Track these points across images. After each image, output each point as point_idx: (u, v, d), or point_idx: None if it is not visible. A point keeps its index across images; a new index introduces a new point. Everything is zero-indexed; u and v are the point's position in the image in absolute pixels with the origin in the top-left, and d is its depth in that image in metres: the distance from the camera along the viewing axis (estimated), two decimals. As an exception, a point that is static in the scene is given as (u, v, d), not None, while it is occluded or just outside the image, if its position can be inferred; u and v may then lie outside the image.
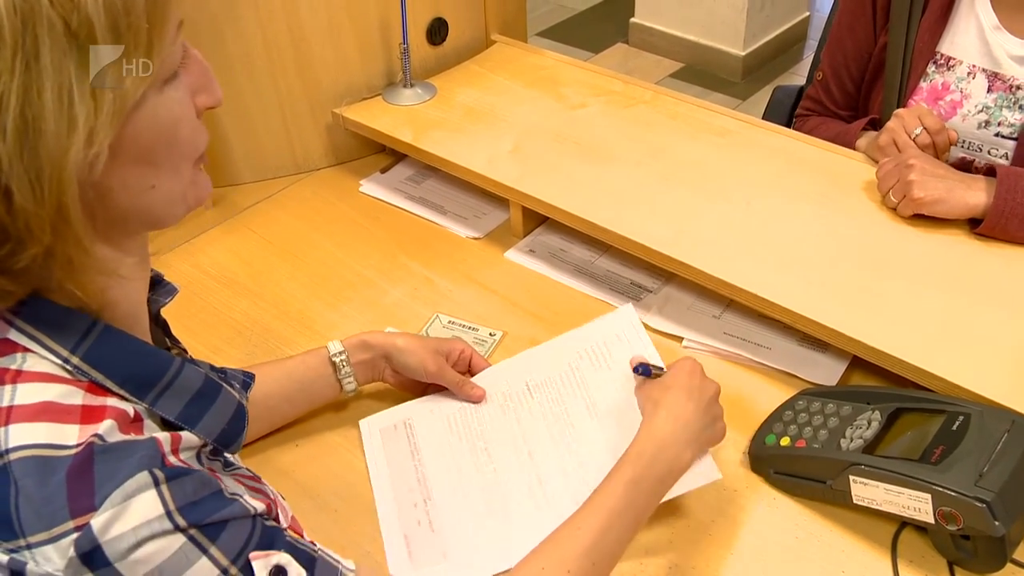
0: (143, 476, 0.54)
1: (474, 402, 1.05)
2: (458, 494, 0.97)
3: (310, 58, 1.45)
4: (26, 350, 0.58)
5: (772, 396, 1.08)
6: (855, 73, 1.49)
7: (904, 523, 0.93)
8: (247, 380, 0.75)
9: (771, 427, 1.02)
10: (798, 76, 3.50)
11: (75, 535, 0.52)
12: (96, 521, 0.52)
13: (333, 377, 1.03)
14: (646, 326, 1.20)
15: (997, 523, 0.81)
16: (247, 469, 0.72)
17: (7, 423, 0.55)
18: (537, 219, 1.39)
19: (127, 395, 0.59)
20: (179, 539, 0.54)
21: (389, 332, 1.09)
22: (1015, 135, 1.34)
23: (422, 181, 1.52)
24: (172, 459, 0.58)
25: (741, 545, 0.93)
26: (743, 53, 3.52)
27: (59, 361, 0.58)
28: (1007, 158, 1.36)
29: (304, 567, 0.61)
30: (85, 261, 0.56)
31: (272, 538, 0.61)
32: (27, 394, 0.56)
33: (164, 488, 0.55)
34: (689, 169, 1.34)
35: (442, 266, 1.33)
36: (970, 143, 1.38)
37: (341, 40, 1.46)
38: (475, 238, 1.39)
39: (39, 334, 0.58)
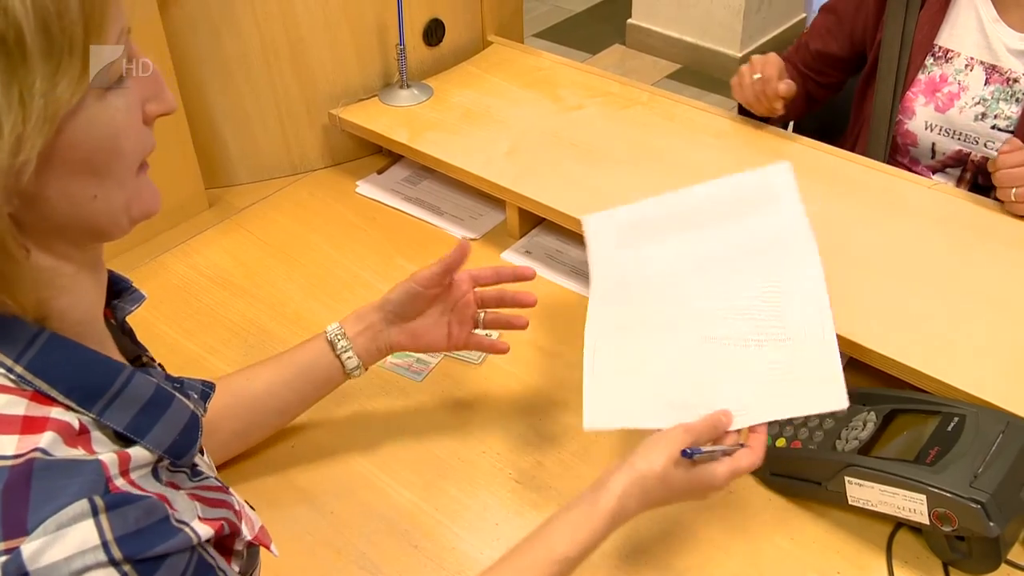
0: (81, 504, 0.51)
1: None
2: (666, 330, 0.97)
3: (307, 59, 1.45)
4: None
5: (768, 397, 1.08)
6: (840, 39, 1.50)
7: (899, 524, 0.93)
8: (206, 390, 0.72)
9: (767, 428, 1.02)
10: (795, 77, 3.51)
11: (3, 558, 0.49)
12: (27, 548, 0.49)
13: (332, 355, 1.00)
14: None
15: (992, 524, 0.81)
16: (216, 479, 0.69)
17: None
18: (533, 220, 1.39)
19: (73, 405, 0.57)
20: (110, 571, 0.51)
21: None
22: (1012, 128, 1.35)
23: (418, 182, 1.52)
24: (119, 482, 0.55)
25: (736, 546, 0.93)
26: (740, 54, 3.53)
27: (2, 370, 0.55)
28: None
29: None
30: (17, 273, 0.54)
31: (205, 573, 0.59)
32: None
33: (103, 518, 0.52)
34: (686, 170, 1.34)
35: (438, 267, 1.33)
36: (966, 135, 1.39)
37: (338, 41, 1.46)
38: (472, 239, 1.39)
39: None
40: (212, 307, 1.27)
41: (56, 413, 0.55)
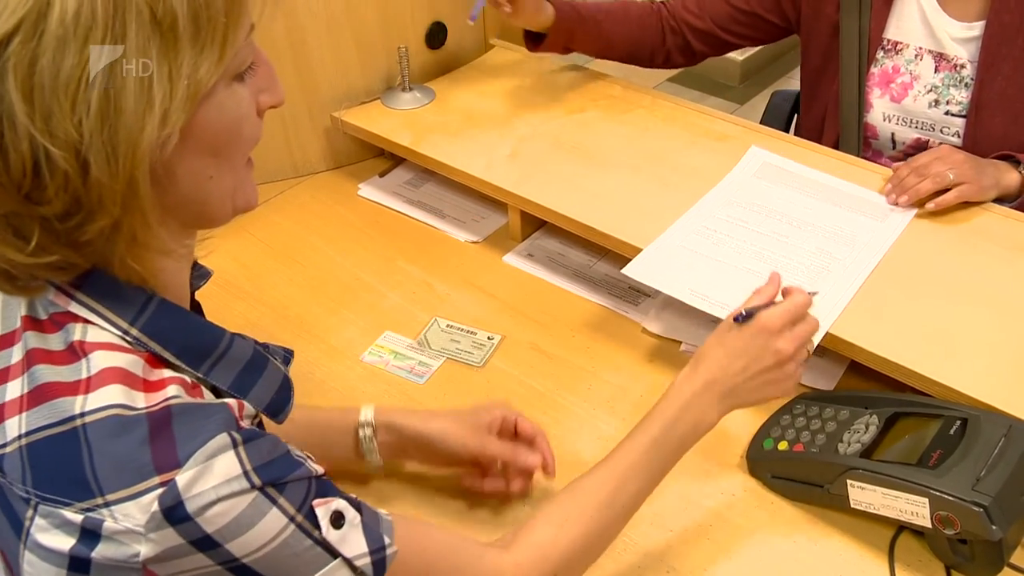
0: (223, 437, 0.57)
1: (530, 468, 0.96)
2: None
3: (309, 62, 1.45)
4: (87, 322, 0.60)
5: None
6: (766, 3, 1.51)
7: (901, 527, 0.93)
8: (287, 356, 0.77)
9: (769, 431, 1.02)
10: (796, 81, 3.50)
11: (159, 491, 0.55)
12: (181, 478, 0.55)
13: (351, 447, 0.96)
14: (644, 330, 1.21)
15: (994, 527, 0.81)
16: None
17: (87, 392, 0.57)
18: (535, 223, 1.39)
19: (183, 365, 0.62)
20: (253, 494, 0.58)
21: (418, 413, 0.98)
22: (964, 112, 1.38)
23: (420, 185, 1.52)
24: (243, 423, 0.61)
25: (739, 549, 0.93)
26: (741, 58, 3.53)
27: (119, 332, 0.60)
28: (958, 136, 1.40)
29: (357, 511, 0.66)
30: (148, 238, 0.59)
31: (327, 490, 0.65)
32: (101, 361, 0.59)
33: (241, 449, 0.58)
34: (687, 174, 1.34)
35: (440, 270, 1.33)
36: (923, 123, 1.43)
37: (340, 44, 1.46)
38: (473, 242, 1.39)
39: (100, 307, 0.61)
40: (214, 310, 1.25)
41: (168, 373, 0.61)
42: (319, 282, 1.32)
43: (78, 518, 0.55)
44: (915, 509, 0.86)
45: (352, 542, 0.64)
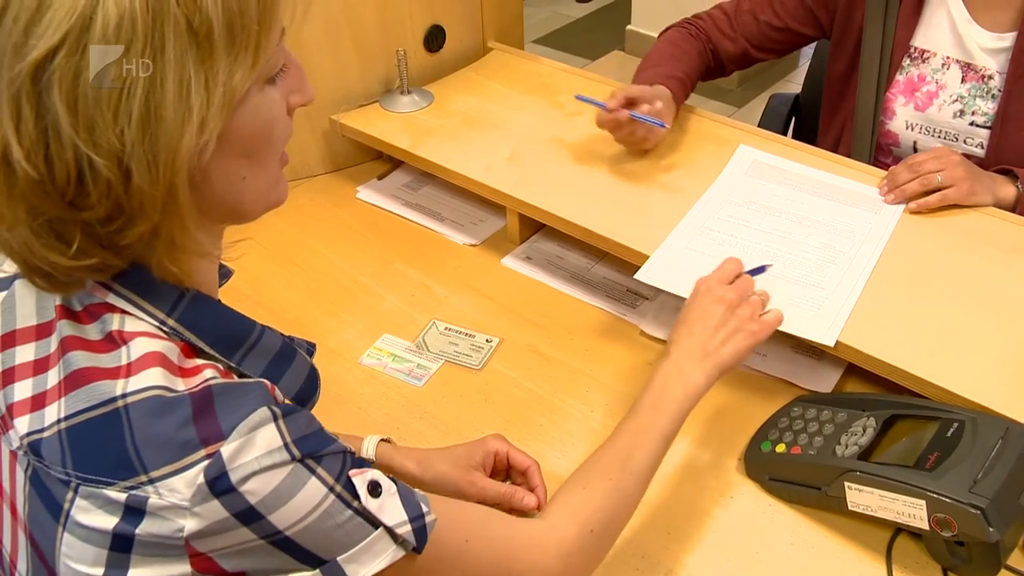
0: (264, 411, 0.59)
1: (527, 511, 0.96)
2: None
3: (307, 65, 1.42)
4: (124, 312, 0.62)
5: (767, 403, 1.09)
6: (779, 12, 1.51)
7: (899, 529, 0.93)
8: (311, 348, 0.79)
9: (766, 434, 1.02)
10: (794, 84, 3.51)
11: (205, 463, 0.56)
12: (226, 449, 0.57)
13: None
14: (642, 332, 1.21)
15: (991, 529, 0.81)
16: None
17: (128, 376, 0.59)
18: (534, 226, 1.39)
19: (216, 355, 0.64)
20: (292, 465, 0.59)
21: (415, 455, 0.97)
22: (989, 124, 1.37)
23: (419, 188, 1.52)
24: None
25: (736, 551, 0.94)
26: (739, 61, 3.53)
27: (155, 323, 0.63)
28: (982, 147, 1.38)
29: (392, 483, 0.67)
30: (185, 241, 0.61)
31: (360, 463, 0.66)
32: (141, 347, 0.61)
33: (281, 422, 0.60)
34: (685, 177, 1.35)
35: (439, 273, 1.34)
36: (946, 132, 1.41)
37: (338, 47, 1.46)
38: (472, 245, 1.40)
39: (137, 298, 0.63)
40: (213, 312, 1.27)
41: (202, 361, 0.63)
42: (317, 285, 1.32)
43: (121, 496, 0.57)
44: (912, 511, 0.86)
45: (391, 510, 0.65)
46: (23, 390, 0.63)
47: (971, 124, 1.39)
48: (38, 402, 0.62)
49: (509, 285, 1.31)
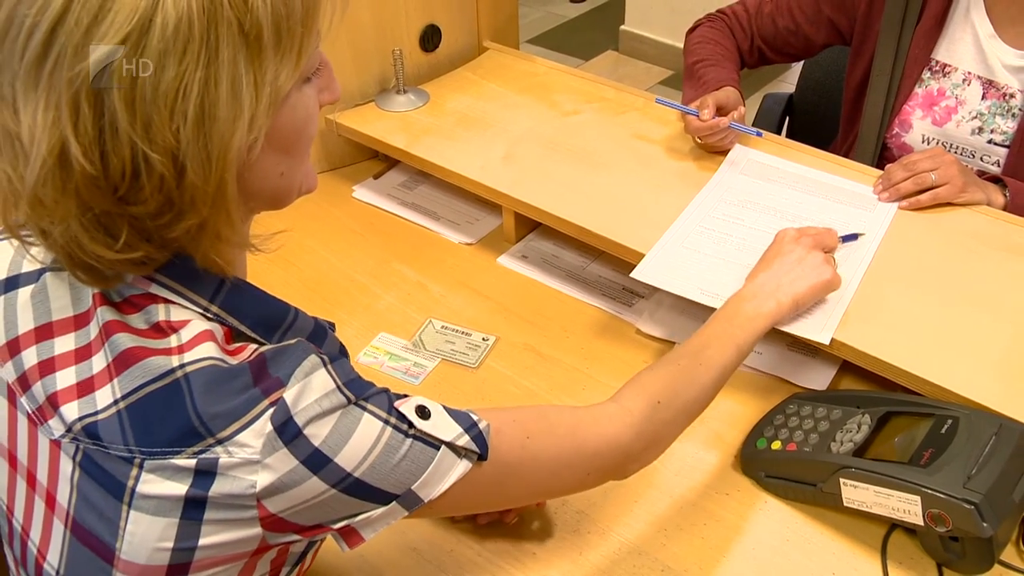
0: (313, 358, 0.63)
1: (506, 521, 0.96)
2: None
3: (303, 64, 1.45)
4: (168, 301, 0.64)
5: (763, 400, 1.09)
6: (797, 18, 1.52)
7: (894, 525, 0.94)
8: (332, 326, 0.80)
9: (762, 431, 1.02)
10: (787, 84, 3.52)
11: (271, 411, 0.59)
12: (288, 394, 0.60)
13: None
14: (638, 331, 1.21)
15: (985, 524, 0.82)
16: None
17: (181, 352, 0.62)
18: (529, 225, 1.40)
19: (258, 337, 0.67)
20: (348, 406, 0.63)
21: None
22: (1007, 143, 1.36)
23: (415, 187, 1.53)
24: None
25: (733, 547, 0.94)
26: (732, 61, 3.54)
27: (199, 310, 0.65)
28: (999, 165, 1.38)
29: (436, 404, 0.70)
30: (230, 234, 0.63)
31: (400, 396, 0.69)
32: (191, 329, 0.63)
33: (331, 368, 0.63)
34: (680, 176, 1.35)
35: (435, 271, 1.34)
36: (963, 149, 1.40)
37: (334, 46, 1.46)
38: (468, 244, 1.40)
39: (180, 287, 0.65)
40: (209, 311, 1.27)
41: (243, 344, 0.65)
42: (314, 284, 1.32)
43: (191, 463, 0.59)
44: (907, 507, 0.87)
45: (444, 427, 0.68)
46: (66, 378, 0.64)
47: (989, 142, 1.38)
48: (85, 387, 0.63)
49: (505, 284, 1.32)
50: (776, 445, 0.99)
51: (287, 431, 0.59)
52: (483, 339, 1.21)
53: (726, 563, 0.93)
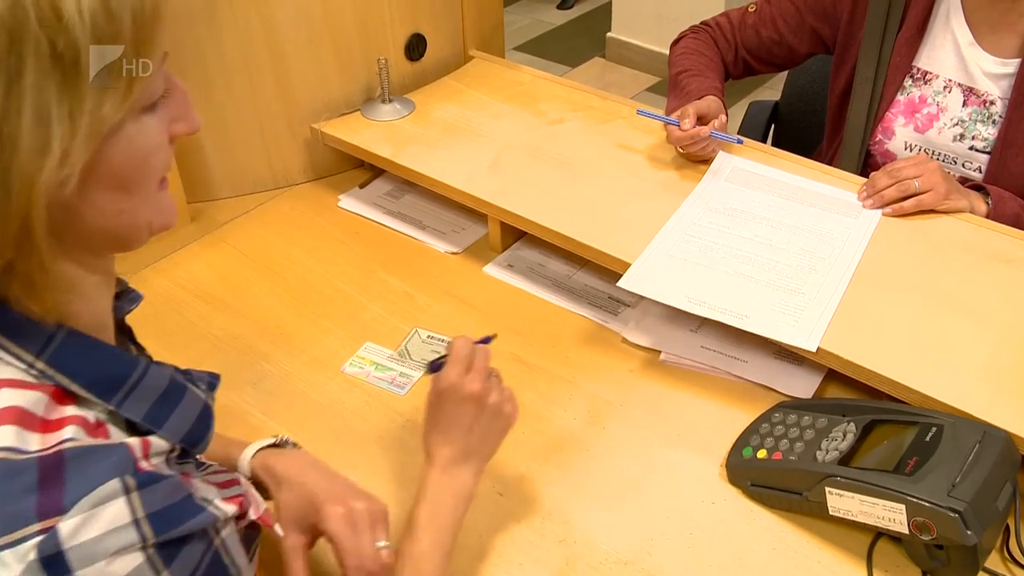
0: (114, 483, 0.53)
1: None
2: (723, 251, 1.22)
3: (289, 74, 1.45)
4: None
5: (749, 409, 1.09)
6: (781, 28, 1.53)
7: (879, 533, 0.94)
8: (213, 381, 0.73)
9: (748, 440, 1.03)
10: (773, 91, 3.54)
11: (39, 538, 0.50)
12: (64, 525, 0.51)
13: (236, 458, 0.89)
14: (624, 339, 1.21)
15: (969, 532, 0.82)
16: (217, 464, 0.71)
17: None
18: (515, 234, 1.39)
19: (93, 398, 0.59)
20: (138, 558, 0.53)
21: (282, 468, 0.87)
22: (989, 149, 1.37)
23: (400, 196, 1.52)
24: (144, 464, 0.57)
25: (719, 557, 0.94)
26: (718, 68, 3.55)
27: (23, 366, 0.57)
28: (980, 171, 1.38)
29: None
30: (44, 279, 0.56)
31: (218, 570, 0.60)
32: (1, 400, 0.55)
33: (134, 496, 0.54)
34: (665, 184, 1.35)
35: (421, 281, 1.34)
36: (945, 155, 1.41)
37: (320, 56, 1.46)
38: (453, 253, 1.40)
39: (1, 339, 0.57)
40: (194, 321, 1.27)
41: (71, 411, 0.57)
42: (299, 293, 1.32)
43: None
44: (892, 515, 0.87)
45: None
46: None
47: (970, 148, 1.39)
48: None
49: (491, 293, 1.32)
50: (762, 454, 0.99)
51: (54, 567, 0.50)
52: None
53: (712, 573, 0.93)
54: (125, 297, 0.73)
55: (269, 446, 0.89)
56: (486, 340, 0.95)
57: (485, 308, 1.28)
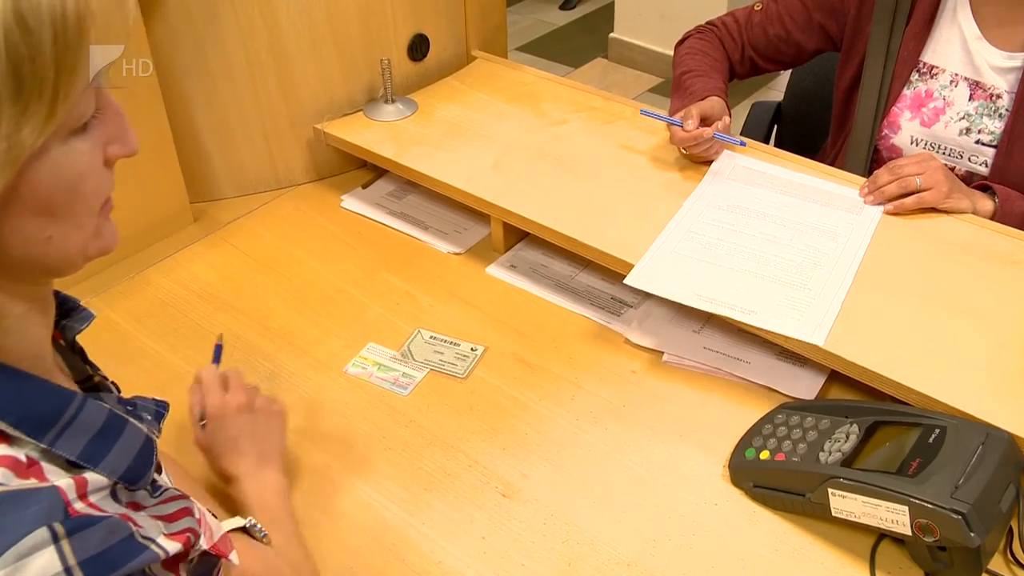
0: (41, 532, 0.50)
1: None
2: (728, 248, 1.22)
3: (291, 74, 1.45)
4: None
5: (751, 410, 1.09)
6: (788, 26, 1.53)
7: (882, 535, 0.94)
8: (160, 411, 0.69)
9: (751, 441, 1.02)
10: (775, 92, 3.54)
11: None
12: None
13: None
14: (627, 340, 1.21)
15: (973, 534, 0.82)
16: (175, 489, 0.68)
17: None
18: (518, 234, 1.39)
19: (23, 437, 0.55)
20: None
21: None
22: (995, 143, 1.37)
23: (403, 196, 1.52)
24: (78, 506, 0.54)
25: (721, 558, 0.94)
26: (721, 68, 3.55)
27: None
28: (987, 166, 1.39)
29: None
30: None
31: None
32: None
33: (64, 544, 0.51)
34: (668, 185, 1.35)
35: (423, 281, 1.34)
36: (951, 150, 1.41)
37: (322, 56, 1.46)
38: (456, 253, 1.40)
39: None
40: (197, 322, 1.27)
41: (1, 450, 0.53)
42: (302, 294, 1.32)
43: None
44: (895, 517, 0.87)
45: None
46: None
47: (977, 142, 1.39)
48: None
49: (494, 294, 1.32)
50: (765, 455, 0.99)
51: None
52: (471, 349, 1.21)
53: (714, 574, 0.92)
54: (76, 316, 0.71)
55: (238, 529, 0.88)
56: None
57: (487, 308, 1.28)
